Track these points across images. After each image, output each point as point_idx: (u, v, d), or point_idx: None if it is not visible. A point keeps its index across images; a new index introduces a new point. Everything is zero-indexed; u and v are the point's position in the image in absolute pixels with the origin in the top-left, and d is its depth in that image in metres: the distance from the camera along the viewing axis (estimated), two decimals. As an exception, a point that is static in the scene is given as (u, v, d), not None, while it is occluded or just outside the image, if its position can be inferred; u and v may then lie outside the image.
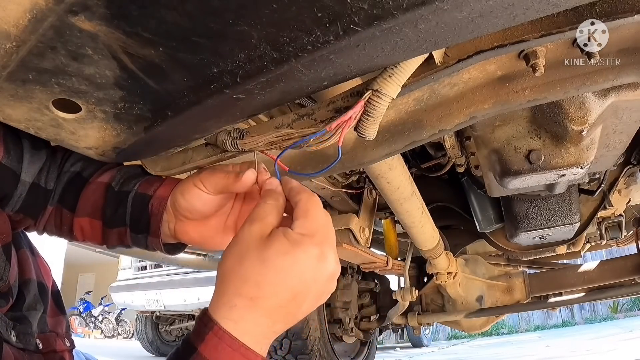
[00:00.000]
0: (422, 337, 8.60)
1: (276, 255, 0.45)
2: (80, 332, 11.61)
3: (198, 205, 0.61)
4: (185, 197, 0.60)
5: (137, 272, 5.92)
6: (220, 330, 0.44)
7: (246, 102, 0.52)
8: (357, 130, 0.54)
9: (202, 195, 0.60)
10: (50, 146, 0.69)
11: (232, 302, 0.45)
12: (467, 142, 1.29)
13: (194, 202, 0.60)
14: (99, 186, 0.65)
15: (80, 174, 0.67)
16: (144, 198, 0.63)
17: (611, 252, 5.56)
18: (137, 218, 0.63)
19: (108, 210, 0.64)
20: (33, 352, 0.62)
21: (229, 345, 0.44)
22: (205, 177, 0.60)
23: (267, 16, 0.40)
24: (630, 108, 0.94)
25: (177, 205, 0.61)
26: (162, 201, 0.62)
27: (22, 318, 0.62)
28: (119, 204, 0.64)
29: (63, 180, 0.67)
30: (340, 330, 2.51)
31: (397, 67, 0.51)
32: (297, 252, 0.45)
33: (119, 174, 0.67)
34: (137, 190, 0.64)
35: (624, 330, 6.64)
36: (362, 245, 1.49)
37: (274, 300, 0.45)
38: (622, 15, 0.50)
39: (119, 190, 0.65)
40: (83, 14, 0.40)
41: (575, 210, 1.51)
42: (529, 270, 2.33)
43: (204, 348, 0.44)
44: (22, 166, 0.62)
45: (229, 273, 0.47)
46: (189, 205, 0.61)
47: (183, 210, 0.61)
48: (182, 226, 0.63)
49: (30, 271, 0.67)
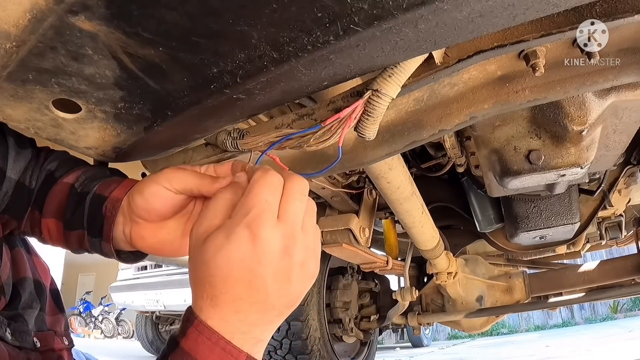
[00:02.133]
0: (422, 337, 8.61)
1: (213, 253, 0.45)
2: (80, 332, 11.61)
3: (157, 204, 0.57)
4: (144, 195, 0.56)
5: (137, 272, 5.93)
6: (201, 324, 0.44)
7: (246, 102, 0.52)
8: (357, 130, 0.54)
9: (165, 193, 0.56)
10: (35, 145, 0.67)
11: (197, 304, 0.46)
12: (467, 142, 1.29)
13: (154, 201, 0.56)
14: (64, 186, 0.63)
15: (53, 173, 0.65)
16: (100, 199, 0.60)
17: (611, 252, 5.56)
18: (93, 220, 0.59)
19: (68, 212, 0.61)
20: (30, 351, 0.62)
21: (208, 338, 0.44)
22: (172, 174, 0.56)
23: (267, 16, 0.40)
24: (630, 108, 0.94)
25: (133, 204, 0.57)
26: (116, 203, 0.59)
27: (17, 316, 0.62)
28: (78, 205, 0.61)
29: (40, 179, 0.65)
30: (340, 330, 2.51)
31: (397, 67, 0.51)
32: (229, 244, 0.44)
33: (84, 174, 0.64)
34: (95, 192, 0.61)
35: (624, 330, 6.64)
36: (362, 245, 1.49)
37: (229, 295, 0.44)
38: (622, 15, 0.50)
39: (80, 191, 0.62)
40: (83, 14, 0.40)
41: (575, 210, 1.51)
42: (529, 270, 2.33)
43: (185, 342, 0.44)
44: (8, 163, 0.60)
45: (190, 277, 0.47)
46: (146, 204, 0.57)
47: (139, 210, 0.57)
48: (138, 230, 0.59)
49: (25, 269, 0.66)
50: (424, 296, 2.35)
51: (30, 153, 0.65)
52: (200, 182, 0.55)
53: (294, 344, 2.24)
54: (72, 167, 0.66)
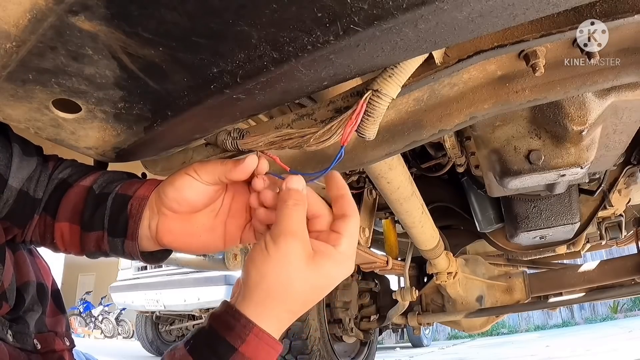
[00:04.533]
0: (422, 337, 8.61)
1: (325, 279, 0.51)
2: (80, 332, 11.61)
3: (191, 195, 0.58)
4: (176, 185, 0.57)
5: (137, 272, 5.93)
6: (261, 332, 0.49)
7: (246, 102, 0.52)
8: (357, 130, 0.54)
9: (196, 184, 0.57)
10: (42, 154, 0.67)
11: (280, 316, 0.51)
12: (467, 142, 1.29)
13: (186, 191, 0.57)
14: (81, 189, 0.63)
15: (66, 180, 0.65)
16: (124, 198, 0.60)
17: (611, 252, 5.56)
18: (115, 220, 0.59)
19: (86, 213, 0.61)
20: (31, 352, 0.62)
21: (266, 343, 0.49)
22: (200, 166, 0.57)
23: (267, 16, 0.40)
24: (630, 108, 0.94)
25: (164, 196, 0.58)
26: (143, 200, 0.59)
27: (18, 319, 0.62)
28: (98, 206, 0.61)
29: (50, 188, 0.65)
30: (340, 330, 2.51)
31: (397, 67, 0.51)
32: (339, 271, 0.52)
33: (102, 177, 0.64)
34: (118, 192, 0.61)
35: (624, 330, 6.64)
36: (362, 245, 1.49)
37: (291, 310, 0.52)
38: (622, 15, 0.50)
39: (99, 192, 0.62)
40: (83, 14, 0.40)
41: (575, 210, 1.51)
42: (529, 270, 2.33)
43: (246, 348, 0.48)
44: (10, 171, 0.60)
45: (278, 290, 0.50)
46: (179, 195, 0.57)
47: (171, 201, 0.58)
48: (166, 223, 0.59)
49: (28, 273, 0.66)
50: (424, 296, 2.35)
51: (35, 161, 0.64)
52: (224, 167, 0.57)
53: (294, 344, 2.24)
54: (87, 172, 0.66)
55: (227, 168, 0.56)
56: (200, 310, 5.33)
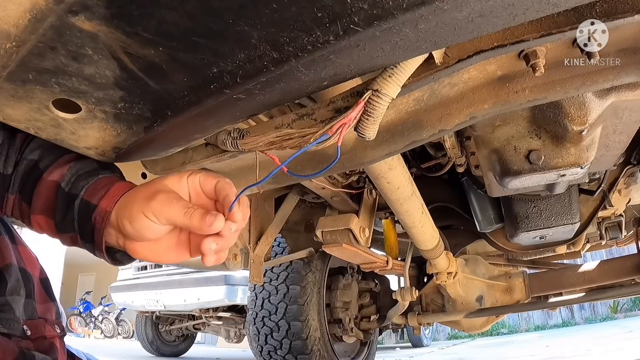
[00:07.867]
0: (422, 337, 8.60)
1: None
2: (80, 332, 11.61)
3: (147, 234, 0.57)
4: (134, 226, 0.56)
5: (137, 272, 5.92)
6: None
7: (246, 102, 0.52)
8: (357, 130, 0.54)
9: (152, 225, 0.56)
10: (9, 128, 0.65)
11: None
12: (467, 142, 1.29)
13: (142, 231, 0.56)
14: (51, 185, 0.63)
15: (37, 163, 0.64)
16: (89, 207, 0.60)
17: (611, 252, 5.56)
18: (84, 228, 0.60)
19: (58, 215, 0.61)
20: (21, 339, 0.62)
21: None
22: (158, 208, 0.55)
23: (267, 16, 0.40)
24: (630, 108, 0.94)
25: (124, 230, 0.58)
26: (105, 216, 0.59)
27: (4, 304, 0.62)
28: (67, 208, 0.61)
29: (21, 168, 0.64)
30: (340, 330, 2.51)
31: (397, 67, 0.51)
32: None
33: (70, 171, 0.63)
34: (83, 197, 0.61)
35: (624, 330, 6.64)
36: (362, 245, 1.49)
37: None
38: (622, 15, 0.50)
39: (68, 191, 0.62)
40: (83, 14, 0.40)
41: (575, 210, 1.51)
42: (529, 270, 2.33)
43: None
44: None
45: None
46: (137, 234, 0.57)
47: (130, 235, 0.58)
48: (132, 245, 0.60)
49: (10, 256, 0.66)
50: (424, 296, 2.35)
51: (2, 136, 0.64)
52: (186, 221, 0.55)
53: (294, 344, 2.24)
54: (57, 156, 0.65)
55: (192, 224, 0.55)
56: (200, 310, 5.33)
